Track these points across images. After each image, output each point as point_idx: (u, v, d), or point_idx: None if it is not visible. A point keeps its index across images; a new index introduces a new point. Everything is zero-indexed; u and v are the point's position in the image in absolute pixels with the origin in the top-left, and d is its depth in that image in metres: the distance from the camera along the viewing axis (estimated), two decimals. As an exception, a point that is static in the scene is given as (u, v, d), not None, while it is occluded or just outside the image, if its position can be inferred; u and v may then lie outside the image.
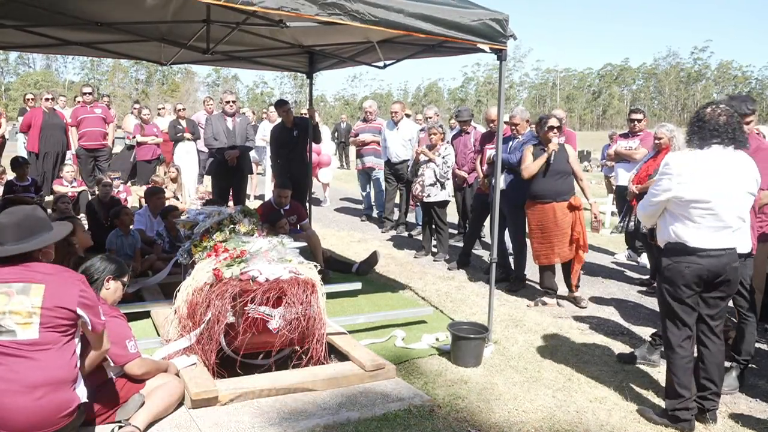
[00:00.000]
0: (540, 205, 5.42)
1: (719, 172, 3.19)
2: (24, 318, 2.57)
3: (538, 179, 5.41)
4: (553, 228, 5.38)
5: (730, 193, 3.19)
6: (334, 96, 62.60)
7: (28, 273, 2.64)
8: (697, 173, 3.20)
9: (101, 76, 58.02)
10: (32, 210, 2.84)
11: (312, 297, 3.78)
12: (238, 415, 3.29)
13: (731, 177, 3.20)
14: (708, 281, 3.26)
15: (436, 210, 7.11)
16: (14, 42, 6.09)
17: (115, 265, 3.38)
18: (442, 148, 7.00)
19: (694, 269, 3.23)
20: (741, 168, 3.25)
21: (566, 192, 5.41)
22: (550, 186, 5.39)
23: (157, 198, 6.89)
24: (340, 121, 20.03)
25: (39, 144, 9.48)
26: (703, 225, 3.21)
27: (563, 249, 5.41)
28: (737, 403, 3.70)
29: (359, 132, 9.89)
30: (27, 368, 2.55)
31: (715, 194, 3.17)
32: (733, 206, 3.20)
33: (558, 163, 5.39)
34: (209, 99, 12.50)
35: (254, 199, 10.97)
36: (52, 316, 2.60)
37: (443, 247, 7.24)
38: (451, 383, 3.83)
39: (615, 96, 63.27)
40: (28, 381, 2.53)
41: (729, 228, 3.22)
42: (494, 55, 4.30)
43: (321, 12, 3.45)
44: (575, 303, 5.58)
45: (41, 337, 2.58)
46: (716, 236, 3.21)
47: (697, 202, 3.19)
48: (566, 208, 5.39)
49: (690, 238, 3.23)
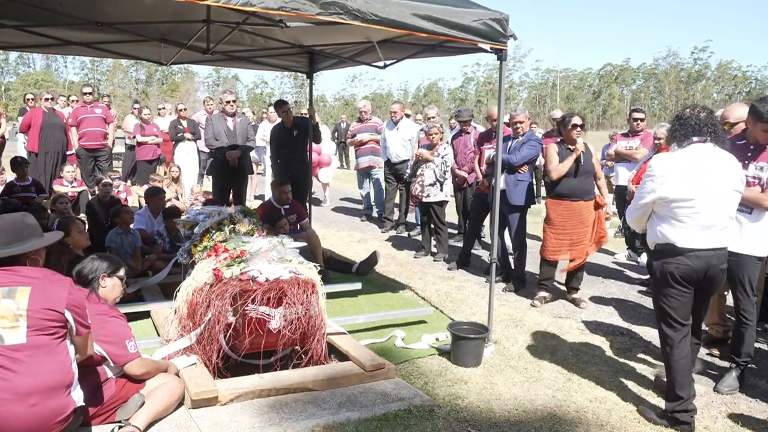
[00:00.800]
0: (568, 202, 5.38)
1: (702, 171, 3.21)
2: (10, 322, 2.52)
3: (569, 179, 5.36)
4: (578, 225, 5.38)
5: (713, 191, 3.19)
6: (333, 96, 62.56)
7: (13, 276, 2.61)
8: (679, 172, 3.22)
9: (101, 76, 57.99)
10: (21, 217, 2.82)
11: (312, 297, 3.78)
12: (238, 415, 3.29)
13: (714, 175, 3.21)
14: (698, 281, 3.27)
15: (435, 210, 7.10)
16: (14, 42, 6.09)
17: (108, 261, 3.35)
18: (441, 148, 7.01)
19: (683, 270, 3.23)
20: (724, 166, 3.25)
21: (592, 190, 5.47)
22: (578, 185, 5.37)
23: (158, 198, 6.90)
24: (340, 121, 20.03)
25: (39, 144, 9.48)
26: (690, 225, 3.21)
27: (580, 247, 5.40)
28: (737, 403, 3.69)
29: (356, 132, 9.90)
30: (17, 375, 2.50)
31: (698, 192, 3.18)
32: (718, 204, 3.21)
33: (586, 162, 5.39)
34: (209, 99, 12.50)
35: (254, 199, 10.97)
36: (40, 318, 2.55)
37: (443, 247, 7.24)
38: (451, 383, 3.83)
39: (615, 96, 63.21)
40: (20, 388, 2.50)
41: (715, 227, 3.22)
42: (494, 55, 4.30)
43: (322, 11, 3.45)
44: (575, 304, 5.58)
45: (29, 341, 2.53)
46: (704, 235, 3.21)
47: (681, 201, 3.20)
48: (592, 207, 5.43)
49: (677, 239, 3.23)
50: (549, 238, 5.51)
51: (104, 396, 3.08)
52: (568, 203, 5.39)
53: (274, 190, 6.42)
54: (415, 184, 7.09)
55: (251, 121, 11.20)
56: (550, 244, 5.50)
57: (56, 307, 2.60)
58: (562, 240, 5.43)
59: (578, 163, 5.35)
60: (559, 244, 5.45)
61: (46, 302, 2.58)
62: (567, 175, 5.34)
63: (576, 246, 5.42)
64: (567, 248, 5.42)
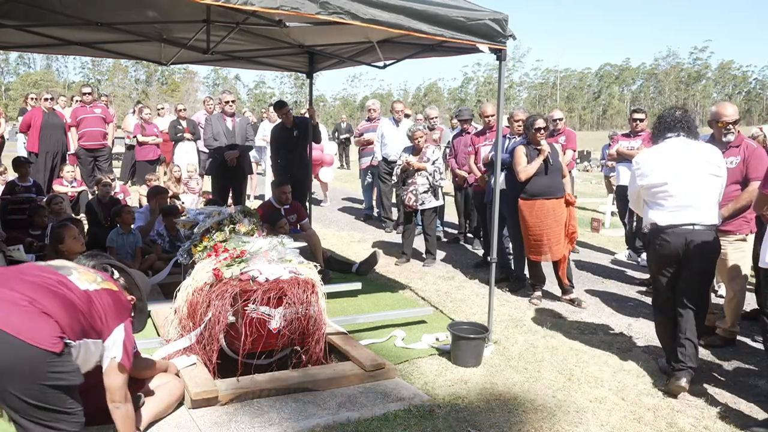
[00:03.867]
0: (542, 201, 5.46)
1: (674, 158, 3.76)
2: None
3: (540, 177, 5.47)
4: (552, 224, 5.44)
5: (685, 175, 3.70)
6: (333, 96, 62.53)
7: None
8: (653, 163, 3.81)
9: (101, 76, 57.96)
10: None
11: (312, 297, 3.78)
12: (238, 415, 3.29)
13: (686, 161, 3.73)
14: (679, 256, 3.73)
15: (427, 217, 6.86)
16: (14, 42, 6.09)
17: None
18: (429, 152, 6.77)
19: (665, 246, 3.76)
20: (698, 153, 3.76)
21: (562, 188, 5.57)
22: (549, 183, 5.48)
23: (161, 198, 6.89)
24: (340, 121, 20.04)
25: (39, 144, 9.48)
26: (667, 206, 3.75)
27: (558, 245, 5.46)
28: (737, 403, 3.70)
29: (363, 131, 9.88)
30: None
31: (671, 177, 3.72)
32: (691, 186, 3.70)
33: (555, 160, 5.53)
34: (209, 99, 12.51)
35: (254, 199, 10.97)
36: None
37: (431, 254, 6.98)
38: (451, 383, 3.83)
39: (615, 96, 63.24)
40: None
41: (691, 206, 3.70)
42: (494, 55, 4.30)
43: (321, 11, 3.45)
44: (573, 304, 5.57)
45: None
46: (680, 214, 3.71)
47: (657, 186, 3.77)
48: (563, 204, 5.51)
49: (659, 219, 3.77)
50: (528, 240, 5.58)
51: (104, 396, 3.08)
52: (541, 202, 5.46)
53: (274, 191, 6.42)
54: (408, 193, 6.76)
55: (251, 121, 11.20)
56: (530, 245, 5.58)
57: None
58: (541, 239, 5.48)
59: (547, 163, 5.47)
60: (538, 244, 5.51)
61: None
62: (538, 174, 5.47)
63: (554, 247, 5.46)
64: (547, 249, 5.48)
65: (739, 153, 4.45)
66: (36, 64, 60.42)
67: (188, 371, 3.51)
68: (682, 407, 3.62)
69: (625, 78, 64.46)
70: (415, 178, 6.74)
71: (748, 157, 4.40)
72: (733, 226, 4.46)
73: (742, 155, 4.43)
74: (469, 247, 8.04)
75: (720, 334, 4.67)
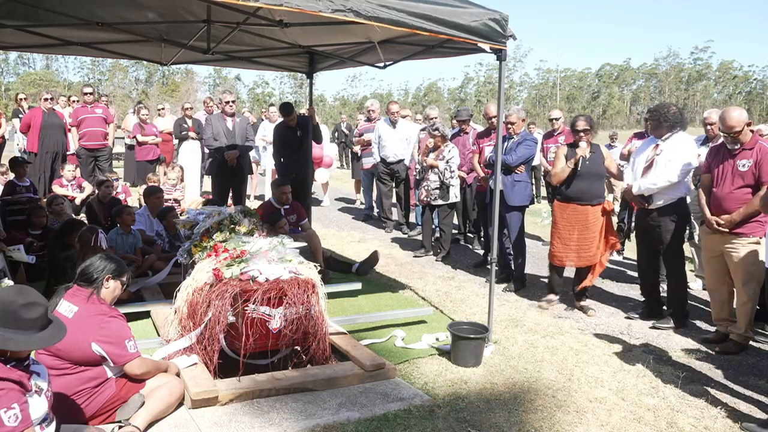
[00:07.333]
0: (574, 205, 5.30)
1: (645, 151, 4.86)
2: None
3: (576, 181, 5.27)
4: (583, 231, 5.27)
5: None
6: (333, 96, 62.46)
7: None
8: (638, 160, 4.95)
9: (101, 76, 57.93)
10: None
11: (312, 297, 3.78)
12: (238, 415, 3.29)
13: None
14: (642, 233, 5.17)
15: (442, 212, 7.11)
16: (14, 42, 6.09)
17: (115, 264, 3.35)
18: (446, 151, 6.96)
19: (637, 225, 5.30)
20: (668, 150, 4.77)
21: (600, 195, 5.36)
22: (585, 188, 5.27)
23: (156, 197, 6.88)
24: (340, 121, 20.02)
25: (38, 144, 9.47)
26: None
27: (587, 253, 5.29)
28: (737, 403, 3.70)
29: (364, 132, 9.86)
30: None
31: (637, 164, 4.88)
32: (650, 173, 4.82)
33: (595, 165, 5.28)
34: (209, 99, 12.50)
35: (254, 199, 10.97)
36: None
37: (443, 248, 7.23)
38: (451, 383, 3.83)
39: (615, 96, 63.13)
40: None
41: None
42: (494, 55, 4.30)
43: (323, 9, 3.45)
44: (582, 311, 5.46)
45: None
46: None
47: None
48: (599, 212, 5.30)
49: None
50: (555, 243, 5.43)
51: (104, 396, 3.08)
52: (574, 206, 5.29)
53: (274, 191, 6.42)
54: (421, 189, 7.13)
55: (251, 121, 11.19)
56: (555, 249, 5.42)
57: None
58: (568, 246, 5.33)
59: (577, 166, 5.23)
60: (565, 249, 5.35)
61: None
62: (577, 177, 5.26)
63: (583, 254, 5.31)
64: (574, 255, 5.32)
65: (752, 156, 4.28)
66: (36, 64, 60.40)
67: (188, 371, 3.51)
68: (682, 407, 3.62)
69: (625, 78, 64.39)
70: (428, 174, 6.98)
71: (760, 160, 4.24)
72: (747, 229, 4.33)
73: (755, 158, 4.26)
74: (470, 247, 8.04)
75: (734, 339, 4.54)
